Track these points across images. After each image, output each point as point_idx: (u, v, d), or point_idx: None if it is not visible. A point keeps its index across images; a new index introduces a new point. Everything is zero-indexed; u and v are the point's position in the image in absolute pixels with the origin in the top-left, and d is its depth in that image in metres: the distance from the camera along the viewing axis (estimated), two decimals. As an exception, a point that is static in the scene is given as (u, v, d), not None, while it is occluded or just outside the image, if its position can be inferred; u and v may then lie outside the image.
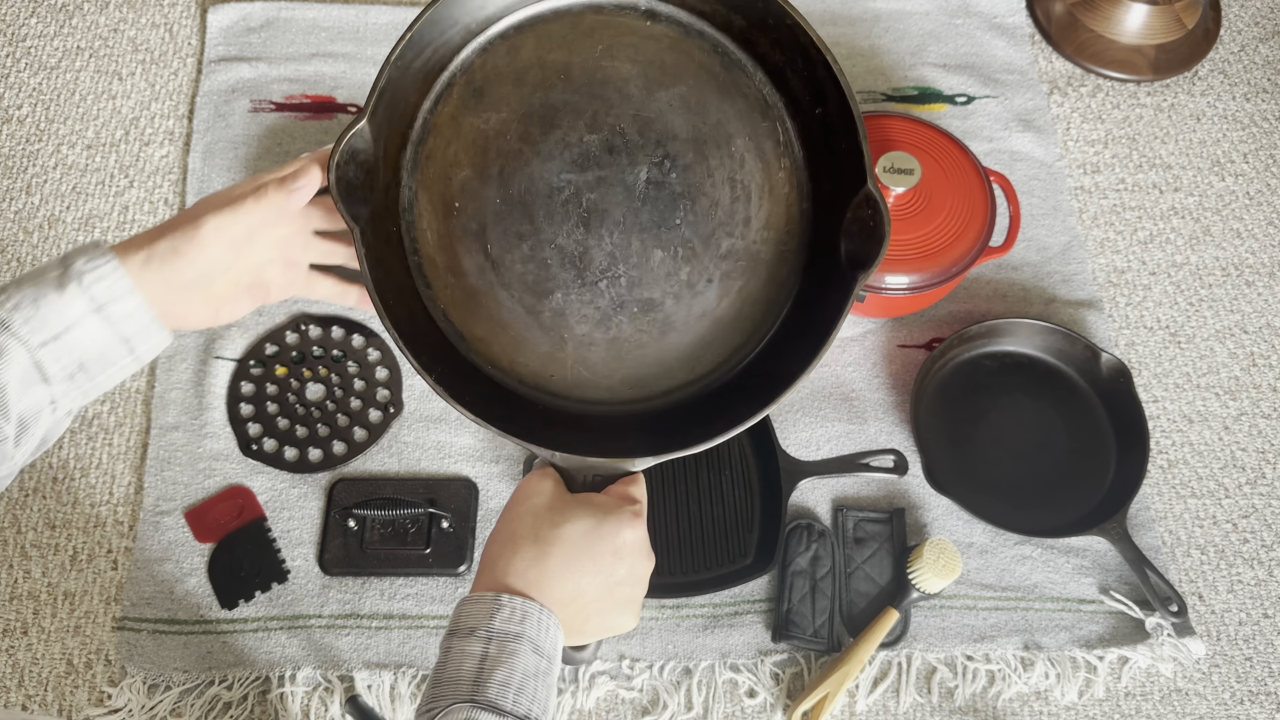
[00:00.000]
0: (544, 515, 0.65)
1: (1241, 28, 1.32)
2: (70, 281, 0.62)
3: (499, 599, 0.61)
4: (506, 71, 0.64)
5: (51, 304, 0.61)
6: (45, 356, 0.61)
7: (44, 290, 0.62)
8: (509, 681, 0.59)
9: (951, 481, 1.00)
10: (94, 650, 0.95)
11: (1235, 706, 0.96)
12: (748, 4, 0.63)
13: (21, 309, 0.61)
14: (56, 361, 0.62)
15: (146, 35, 1.27)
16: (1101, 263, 1.16)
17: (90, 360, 0.63)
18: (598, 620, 0.65)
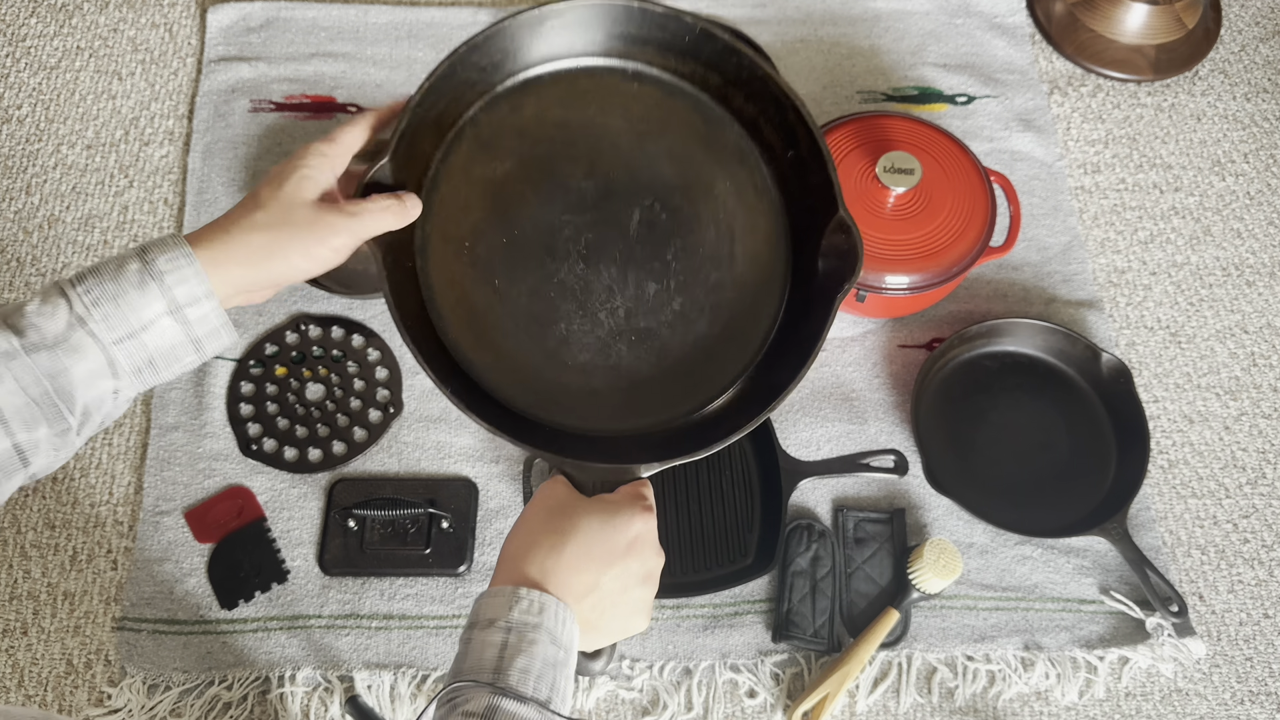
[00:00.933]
0: (559, 511, 0.67)
1: (1242, 27, 1.32)
2: (151, 281, 0.62)
3: (517, 592, 0.62)
4: (511, 126, 0.70)
5: (131, 303, 0.61)
6: (118, 353, 0.62)
7: (124, 288, 0.61)
8: (529, 669, 0.60)
9: (952, 481, 1.00)
10: (94, 650, 0.95)
11: (1235, 707, 0.96)
12: (723, 62, 0.70)
13: (101, 305, 0.61)
14: (128, 358, 0.62)
15: (146, 35, 1.27)
16: (1102, 263, 1.16)
17: (159, 357, 0.64)
18: (612, 617, 0.66)
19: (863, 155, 1.05)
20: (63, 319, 0.60)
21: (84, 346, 0.61)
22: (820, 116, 1.22)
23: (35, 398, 0.60)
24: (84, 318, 0.61)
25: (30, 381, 0.60)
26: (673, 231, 0.71)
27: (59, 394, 0.61)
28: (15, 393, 0.59)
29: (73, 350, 0.60)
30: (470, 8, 1.28)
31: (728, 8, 1.29)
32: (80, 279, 0.62)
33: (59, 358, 0.60)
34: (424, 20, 1.27)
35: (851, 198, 1.03)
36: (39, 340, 0.60)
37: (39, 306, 0.61)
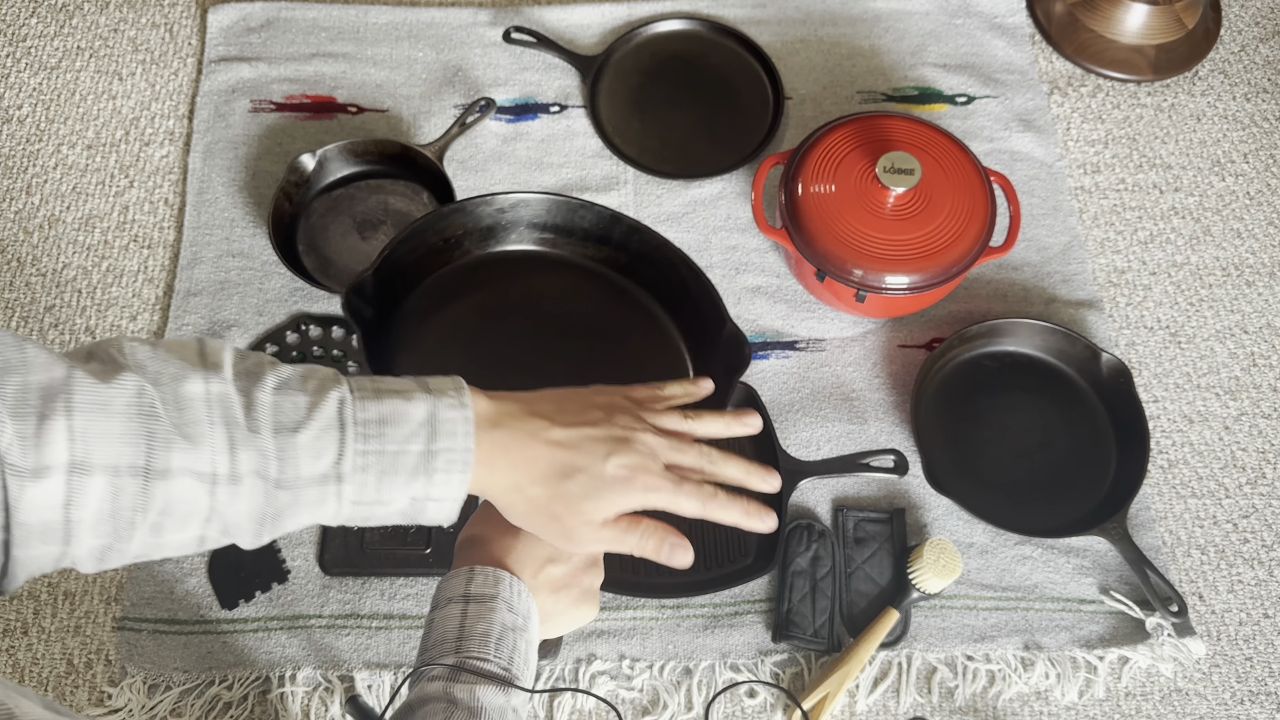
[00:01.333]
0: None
1: (1242, 28, 1.32)
2: (423, 476, 0.58)
3: (472, 569, 0.64)
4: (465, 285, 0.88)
5: (393, 485, 0.58)
6: (348, 512, 0.59)
7: (398, 468, 0.58)
8: (489, 633, 0.61)
9: (952, 481, 1.00)
10: (94, 650, 0.95)
11: (1235, 706, 0.96)
12: (628, 241, 0.89)
13: (366, 473, 0.57)
14: (350, 515, 0.59)
15: (147, 35, 1.27)
16: (1102, 263, 1.16)
17: (373, 520, 0.60)
18: (563, 600, 0.67)
19: (863, 155, 1.05)
20: (326, 465, 0.57)
21: (326, 502, 0.58)
22: (820, 117, 1.22)
23: (251, 517, 0.57)
24: (344, 477, 0.57)
25: (259, 506, 0.57)
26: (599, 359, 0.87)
27: (272, 520, 0.58)
28: (240, 510, 0.56)
29: (315, 502, 0.57)
30: (470, 8, 1.29)
31: (728, 8, 1.29)
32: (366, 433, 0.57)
33: (298, 503, 0.57)
34: (424, 20, 1.27)
35: (851, 198, 1.03)
36: (293, 479, 0.56)
37: (313, 440, 0.56)
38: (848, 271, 1.03)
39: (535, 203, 0.88)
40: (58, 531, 0.51)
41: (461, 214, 0.87)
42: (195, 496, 0.54)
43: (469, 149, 1.19)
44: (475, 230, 0.89)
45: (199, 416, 0.54)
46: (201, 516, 0.55)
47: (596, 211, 0.89)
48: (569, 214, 0.89)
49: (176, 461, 0.53)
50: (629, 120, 1.22)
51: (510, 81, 1.23)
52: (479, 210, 0.88)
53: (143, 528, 0.54)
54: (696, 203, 1.17)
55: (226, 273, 1.11)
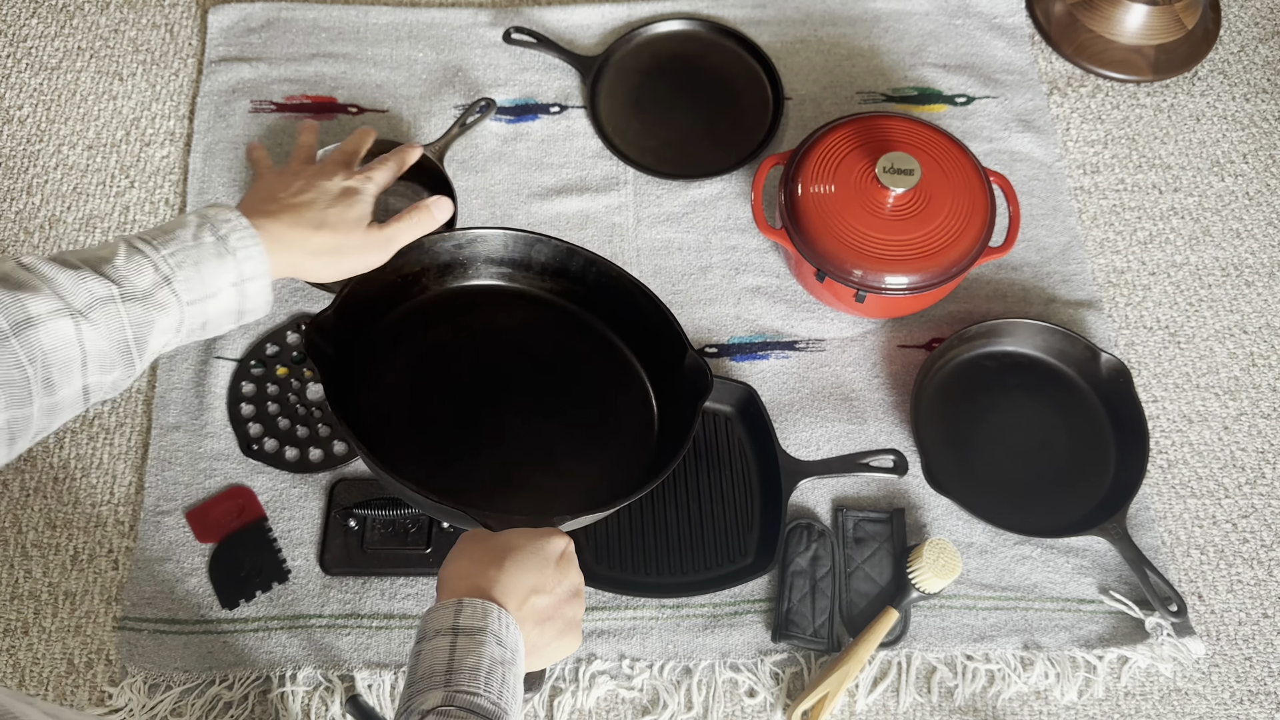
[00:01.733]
0: (489, 538, 0.71)
1: (1241, 28, 1.32)
2: (228, 255, 0.71)
3: (460, 601, 0.65)
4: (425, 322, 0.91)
5: (210, 271, 0.70)
6: (188, 314, 0.70)
7: (204, 256, 0.70)
8: (479, 667, 0.62)
9: (951, 481, 1.00)
10: (95, 650, 0.95)
11: (1235, 706, 0.96)
12: (585, 273, 0.92)
13: (184, 269, 0.69)
14: (191, 319, 0.70)
15: (147, 36, 1.27)
16: (1101, 263, 1.16)
17: (211, 321, 0.72)
18: (548, 632, 0.69)
19: (862, 156, 1.05)
20: (149, 276, 0.67)
21: (168, 304, 0.68)
22: (820, 117, 1.22)
23: (118, 343, 0.66)
24: (169, 278, 0.68)
25: (117, 328, 0.66)
26: (560, 390, 0.91)
27: (137, 342, 0.67)
28: (104, 337, 0.65)
29: (159, 305, 0.67)
30: (470, 9, 1.29)
31: (728, 7, 1.29)
32: (160, 242, 0.69)
33: (148, 310, 0.67)
34: (424, 21, 1.27)
35: (851, 198, 1.03)
36: (132, 292, 0.66)
37: (125, 261, 0.67)
38: (847, 272, 1.03)
39: (492, 238, 0.91)
40: None
41: (419, 251, 0.88)
42: (65, 336, 0.63)
43: (469, 149, 1.19)
44: (433, 266, 0.91)
45: (31, 278, 0.64)
46: (78, 361, 0.64)
47: (553, 245, 0.91)
48: (525, 248, 0.91)
49: (33, 309, 0.62)
50: (629, 120, 1.22)
51: (510, 82, 1.23)
52: (436, 247, 0.89)
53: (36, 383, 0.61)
54: (696, 203, 1.17)
55: (227, 273, 1.11)
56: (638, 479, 0.87)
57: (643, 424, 0.91)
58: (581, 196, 1.17)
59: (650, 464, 0.89)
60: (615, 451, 0.90)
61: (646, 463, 0.89)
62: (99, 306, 0.65)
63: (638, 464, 0.89)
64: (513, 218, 1.15)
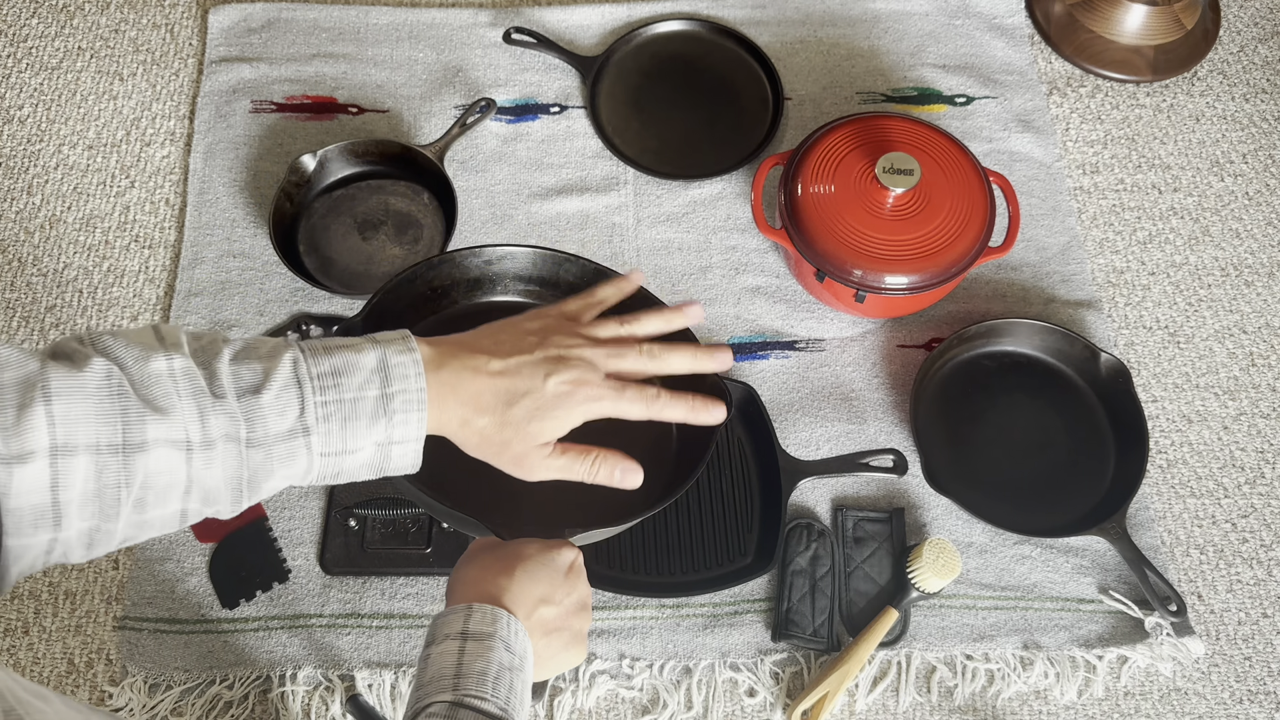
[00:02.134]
0: (500, 546, 0.70)
1: (1241, 28, 1.32)
2: (383, 418, 0.61)
3: (470, 607, 0.65)
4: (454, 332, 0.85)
5: (357, 430, 0.61)
6: (318, 465, 0.61)
7: (358, 413, 0.61)
8: (486, 672, 0.61)
9: (951, 481, 1.01)
10: (95, 650, 0.96)
11: (1234, 706, 0.96)
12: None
13: (330, 421, 0.60)
14: (322, 469, 0.62)
15: (147, 36, 1.27)
16: (1100, 263, 1.16)
17: (345, 473, 0.63)
18: (555, 642, 0.68)
19: (862, 156, 1.05)
20: (291, 420, 0.59)
21: (297, 455, 0.60)
22: (820, 117, 1.22)
23: (229, 481, 0.59)
24: (310, 429, 0.60)
25: (234, 469, 0.59)
26: None
27: (250, 483, 0.60)
28: (216, 476, 0.59)
29: (286, 456, 0.60)
30: (471, 9, 1.29)
31: (728, 8, 1.29)
32: (323, 384, 0.60)
33: (271, 459, 0.59)
34: (424, 21, 1.27)
35: (851, 198, 1.03)
36: (262, 437, 0.59)
37: (274, 399, 0.59)
38: (847, 272, 1.03)
39: (521, 256, 0.89)
40: (47, 515, 0.53)
41: (450, 265, 0.88)
42: (173, 466, 0.57)
43: (469, 149, 1.19)
44: (463, 281, 0.89)
45: (167, 390, 0.57)
46: (181, 487, 0.58)
47: (581, 264, 0.89)
48: (554, 267, 0.90)
49: (151, 433, 0.56)
50: (629, 121, 1.22)
51: (510, 82, 1.24)
52: (467, 262, 0.89)
53: (127, 504, 0.56)
54: (696, 203, 1.17)
55: (227, 273, 1.11)
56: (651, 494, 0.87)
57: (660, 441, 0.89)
58: (581, 196, 1.17)
59: (666, 479, 0.87)
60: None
61: (662, 477, 0.87)
62: (220, 444, 0.58)
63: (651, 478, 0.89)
64: (513, 218, 1.15)
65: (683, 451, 0.88)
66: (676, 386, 0.84)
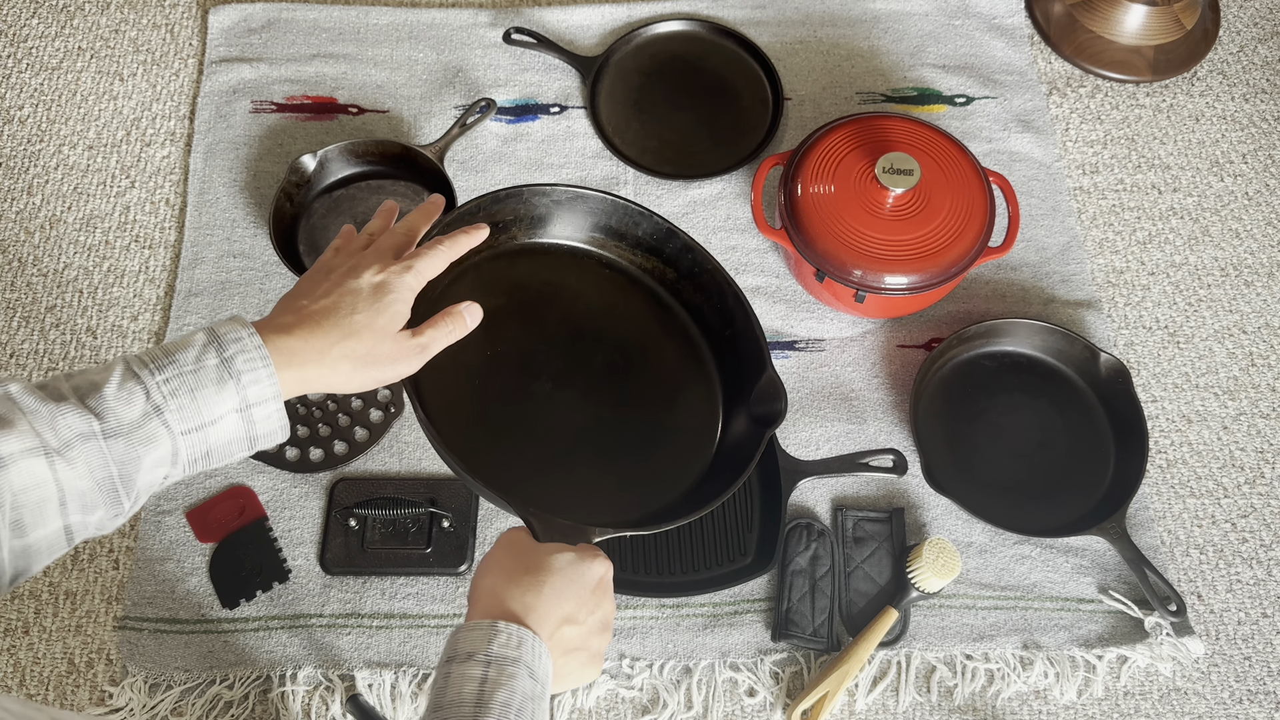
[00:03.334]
0: (530, 552, 0.69)
1: (1240, 29, 1.32)
2: (230, 379, 0.63)
3: (495, 625, 0.63)
4: (507, 276, 0.85)
5: (207, 398, 0.62)
6: (183, 444, 0.62)
7: (202, 382, 0.62)
8: (509, 703, 0.60)
9: (950, 481, 1.01)
10: (95, 649, 0.96)
11: (1234, 706, 0.96)
12: (680, 259, 0.86)
13: (178, 396, 0.62)
14: (190, 449, 0.63)
15: (148, 36, 1.27)
16: (1100, 263, 1.16)
17: (216, 449, 0.64)
18: (574, 660, 0.67)
19: (862, 156, 1.05)
20: (139, 406, 0.61)
21: (157, 436, 0.61)
22: (820, 117, 1.22)
23: (100, 482, 0.60)
24: (160, 407, 0.61)
25: (99, 466, 0.60)
26: (627, 376, 0.85)
27: (123, 480, 0.61)
28: (84, 477, 0.59)
29: (146, 439, 0.61)
30: (471, 9, 1.29)
31: (728, 9, 1.29)
32: (158, 365, 0.62)
33: (133, 446, 0.60)
34: (425, 21, 1.27)
35: (851, 198, 1.03)
36: (116, 426, 0.60)
37: (116, 390, 0.60)
38: (847, 272, 1.03)
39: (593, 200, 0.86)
40: None
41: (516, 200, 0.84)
42: (38, 476, 0.57)
43: (469, 150, 1.19)
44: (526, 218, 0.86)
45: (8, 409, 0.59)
46: (54, 500, 0.58)
47: (654, 221, 0.86)
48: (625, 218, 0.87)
49: (4, 448, 0.57)
50: (629, 121, 1.22)
51: (510, 82, 1.24)
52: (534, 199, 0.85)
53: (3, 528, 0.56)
54: (696, 203, 1.17)
55: (228, 273, 1.11)
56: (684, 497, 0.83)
57: (704, 433, 0.86)
58: (581, 197, 1.17)
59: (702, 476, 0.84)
60: (669, 457, 0.84)
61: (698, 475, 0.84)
62: (78, 444, 0.59)
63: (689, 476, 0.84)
64: (513, 218, 1.15)
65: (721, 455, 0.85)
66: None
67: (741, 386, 0.85)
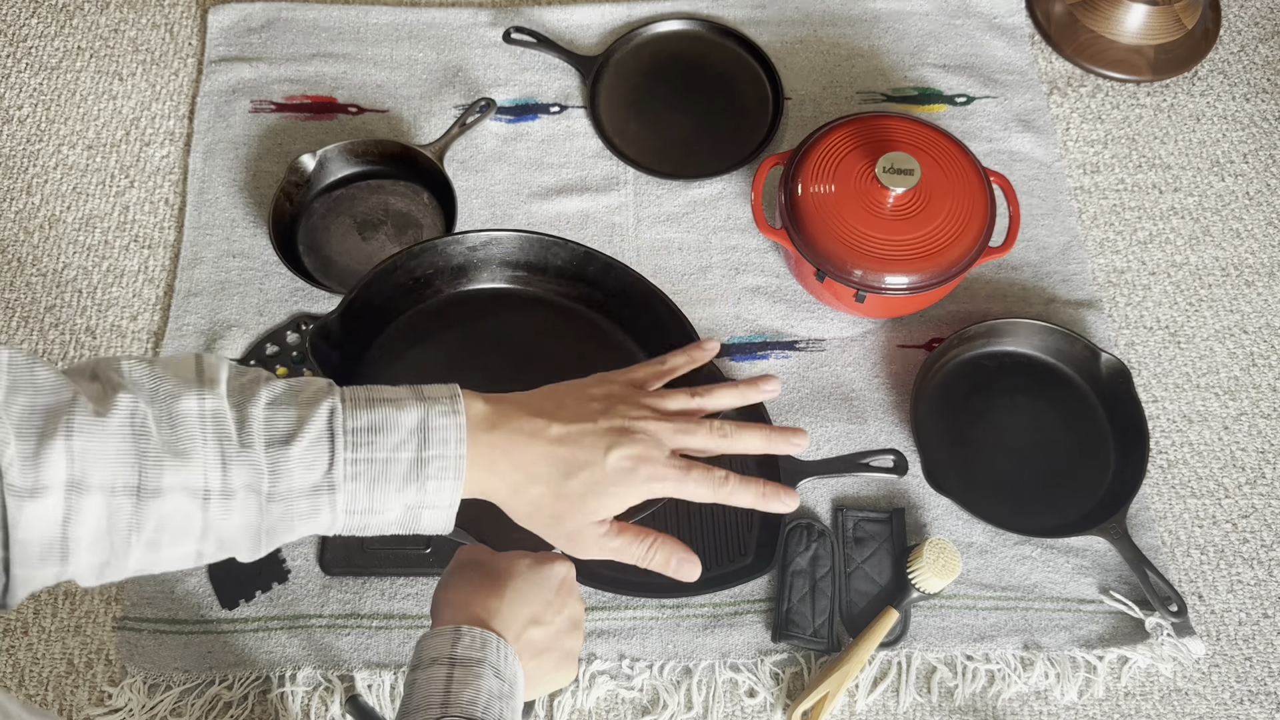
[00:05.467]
0: (488, 561, 0.68)
1: (1241, 28, 1.32)
2: (415, 483, 0.58)
3: (459, 629, 0.62)
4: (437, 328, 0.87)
5: (384, 494, 0.58)
6: (342, 521, 0.58)
7: (390, 476, 0.57)
8: (476, 700, 0.59)
9: (951, 481, 1.00)
10: (94, 650, 0.95)
11: (1235, 706, 0.96)
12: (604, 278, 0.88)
13: (358, 480, 0.57)
14: (344, 524, 0.58)
15: (147, 35, 1.27)
16: (1101, 263, 1.16)
17: (371, 529, 0.59)
18: (545, 662, 0.66)
19: (862, 156, 1.05)
20: (318, 475, 0.56)
21: (320, 512, 0.57)
22: (820, 117, 1.22)
23: (246, 531, 0.57)
24: (336, 485, 0.57)
25: (254, 520, 0.57)
26: None
27: (268, 535, 0.58)
28: (234, 525, 0.56)
29: (309, 513, 0.57)
30: (470, 8, 1.29)
31: (728, 8, 1.29)
32: (357, 440, 0.57)
33: (291, 515, 0.57)
34: (424, 21, 1.27)
35: (851, 198, 1.03)
36: (285, 491, 0.56)
37: (306, 449, 0.56)
38: (847, 271, 1.03)
39: (507, 240, 0.87)
40: (55, 549, 0.52)
41: (432, 253, 0.85)
42: (188, 513, 0.55)
43: (469, 149, 1.19)
44: (446, 269, 0.87)
45: (192, 433, 0.55)
46: (196, 533, 0.56)
47: (570, 248, 0.88)
48: (542, 251, 0.88)
49: (169, 480, 0.54)
50: (629, 121, 1.22)
51: (510, 82, 1.23)
52: (450, 249, 0.86)
53: (138, 545, 0.54)
54: (696, 203, 1.17)
55: (227, 273, 1.11)
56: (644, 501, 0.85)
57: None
58: (581, 196, 1.17)
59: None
60: None
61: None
62: (241, 494, 0.55)
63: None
64: (513, 218, 1.15)
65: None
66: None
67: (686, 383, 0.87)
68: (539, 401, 0.63)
